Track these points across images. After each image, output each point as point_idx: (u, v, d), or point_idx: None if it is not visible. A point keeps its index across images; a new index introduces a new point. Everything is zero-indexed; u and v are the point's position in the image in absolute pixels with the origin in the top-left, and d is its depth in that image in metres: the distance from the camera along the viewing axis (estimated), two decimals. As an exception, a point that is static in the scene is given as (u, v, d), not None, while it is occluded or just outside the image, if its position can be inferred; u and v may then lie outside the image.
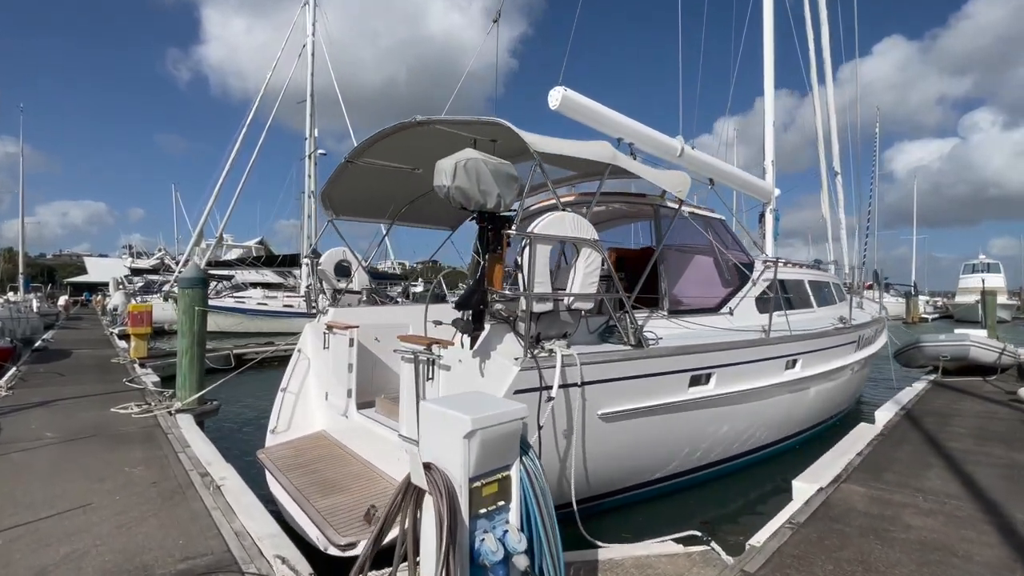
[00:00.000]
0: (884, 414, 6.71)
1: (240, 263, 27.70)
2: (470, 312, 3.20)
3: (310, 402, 5.82)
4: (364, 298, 6.60)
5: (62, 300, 33.47)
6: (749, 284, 6.17)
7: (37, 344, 13.84)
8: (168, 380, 9.39)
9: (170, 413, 6.37)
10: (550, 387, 3.32)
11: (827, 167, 14.29)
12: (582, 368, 3.49)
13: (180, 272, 21.98)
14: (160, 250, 44.55)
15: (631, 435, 4.17)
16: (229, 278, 26.79)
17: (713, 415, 4.76)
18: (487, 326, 3.41)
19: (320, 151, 27.33)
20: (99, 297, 37.06)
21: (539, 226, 3.42)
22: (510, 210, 3.46)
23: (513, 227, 3.40)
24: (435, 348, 3.86)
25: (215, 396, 7.01)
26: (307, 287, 6.27)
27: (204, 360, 7.12)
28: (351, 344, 5.29)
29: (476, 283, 3.27)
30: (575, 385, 3.44)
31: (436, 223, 7.63)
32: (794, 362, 5.74)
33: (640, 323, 4.16)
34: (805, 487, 4.26)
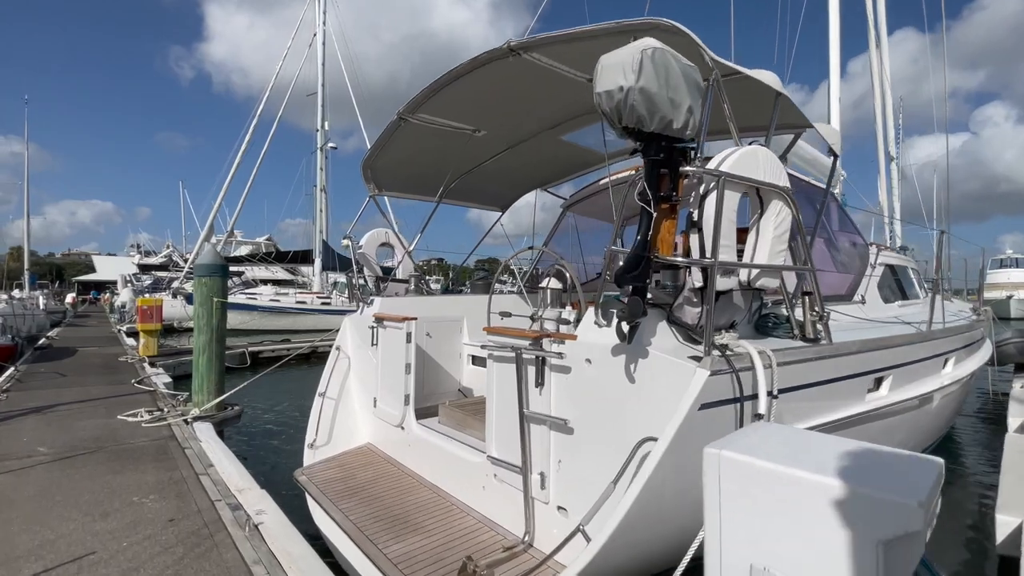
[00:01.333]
0: (1017, 420, 5.77)
1: (251, 259, 26.89)
2: (631, 290, 2.16)
3: (353, 409, 4.86)
4: (412, 287, 5.62)
5: (69, 297, 32.83)
6: (869, 268, 5.21)
7: (40, 342, 13.04)
8: (180, 381, 8.51)
9: (186, 421, 5.45)
10: (753, 397, 2.33)
11: (884, 152, 13.34)
12: (776, 371, 2.49)
13: (191, 267, 21.23)
14: (168, 247, 43.93)
15: None
16: (240, 274, 26.07)
17: (879, 428, 3.75)
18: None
19: (331, 144, 26.53)
20: (107, 295, 36.39)
21: (727, 163, 2.39)
22: (693, 139, 2.39)
23: (697, 161, 2.34)
24: (547, 343, 2.87)
25: (233, 400, 6.10)
26: (347, 275, 5.27)
27: (224, 359, 6.19)
28: (408, 340, 4.32)
29: (640, 246, 2.21)
30: (769, 395, 2.43)
31: (487, 202, 6.65)
32: (946, 361, 4.72)
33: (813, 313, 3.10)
34: (1013, 521, 3.31)
